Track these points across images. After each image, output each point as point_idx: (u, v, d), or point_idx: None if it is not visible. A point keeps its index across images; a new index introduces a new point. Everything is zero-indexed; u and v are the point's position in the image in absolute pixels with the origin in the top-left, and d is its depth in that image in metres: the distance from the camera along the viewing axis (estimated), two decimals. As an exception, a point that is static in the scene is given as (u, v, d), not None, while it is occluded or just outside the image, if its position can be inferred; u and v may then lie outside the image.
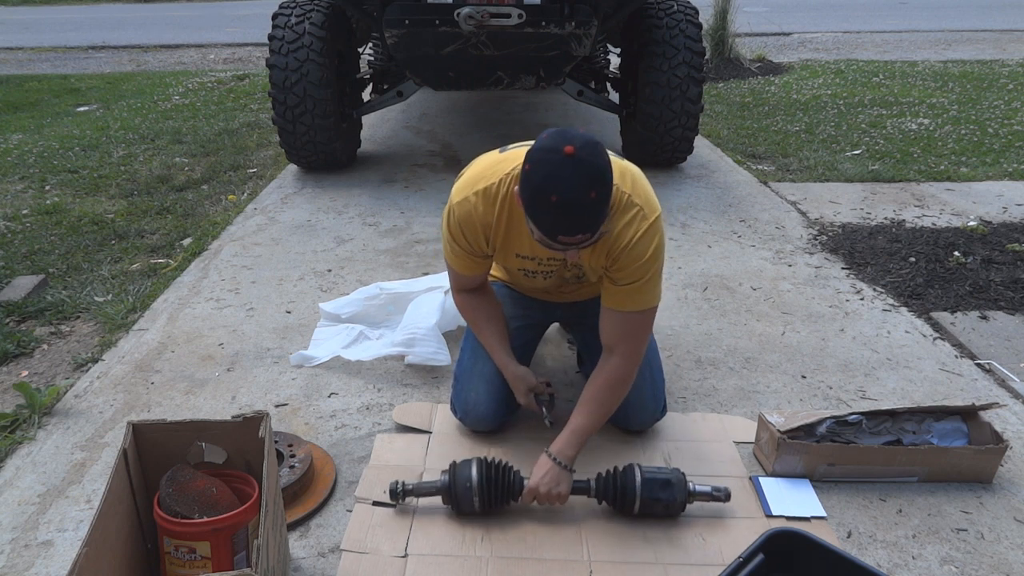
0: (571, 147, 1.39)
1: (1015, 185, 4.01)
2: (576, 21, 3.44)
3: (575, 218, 1.43)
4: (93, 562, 1.15)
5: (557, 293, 1.99)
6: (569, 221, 1.43)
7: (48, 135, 5.29)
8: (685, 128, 3.96)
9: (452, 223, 1.73)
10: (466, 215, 1.70)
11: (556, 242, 1.49)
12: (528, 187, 1.44)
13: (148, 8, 15.00)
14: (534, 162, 1.44)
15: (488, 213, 1.68)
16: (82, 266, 3.10)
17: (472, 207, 1.68)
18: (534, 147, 1.46)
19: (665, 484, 1.64)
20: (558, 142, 1.41)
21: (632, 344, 1.72)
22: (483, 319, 1.90)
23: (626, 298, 1.67)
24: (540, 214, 1.45)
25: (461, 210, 1.70)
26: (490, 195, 1.68)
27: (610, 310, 1.71)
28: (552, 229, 1.46)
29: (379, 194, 3.90)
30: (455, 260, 1.81)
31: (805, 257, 3.12)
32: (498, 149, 1.80)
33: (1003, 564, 1.59)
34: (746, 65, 7.60)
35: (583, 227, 1.44)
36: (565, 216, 1.42)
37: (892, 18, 11.56)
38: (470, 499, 1.63)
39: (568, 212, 1.42)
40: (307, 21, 3.76)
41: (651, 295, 1.69)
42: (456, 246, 1.76)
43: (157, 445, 1.42)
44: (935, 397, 2.16)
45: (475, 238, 1.72)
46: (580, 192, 1.40)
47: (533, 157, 1.44)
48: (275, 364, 2.32)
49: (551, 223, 1.45)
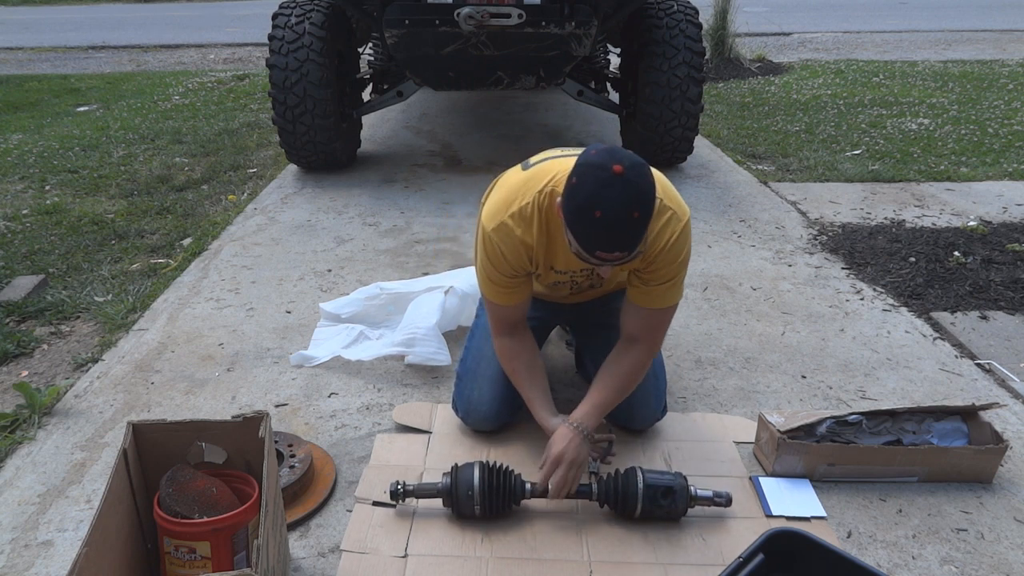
0: (620, 166, 1.41)
1: (1015, 185, 4.01)
2: (576, 21, 3.44)
3: (616, 236, 1.45)
4: (93, 562, 1.15)
5: (568, 297, 2.00)
6: (609, 238, 1.45)
7: (48, 135, 5.29)
8: (685, 128, 3.95)
9: (491, 249, 1.68)
10: (506, 237, 1.66)
11: (593, 257, 1.50)
12: (573, 200, 1.45)
13: (148, 8, 15.00)
14: (581, 176, 1.44)
15: (527, 233, 1.66)
16: (82, 266, 3.11)
17: (510, 230, 1.66)
18: (582, 161, 1.47)
19: (667, 491, 1.64)
20: (607, 159, 1.43)
21: (655, 336, 1.78)
22: (524, 368, 1.82)
23: (656, 297, 1.71)
24: (582, 228, 1.46)
25: (499, 235, 1.66)
26: (526, 216, 1.65)
27: (636, 306, 1.74)
28: (591, 244, 1.47)
29: (379, 194, 3.90)
30: (494, 291, 1.75)
31: (805, 257, 3.12)
32: (520, 165, 1.79)
33: (1003, 564, 1.59)
34: (746, 65, 7.60)
35: (622, 245, 1.46)
36: (606, 233, 1.44)
37: (892, 18, 11.56)
38: (471, 506, 1.63)
39: (610, 229, 1.43)
40: (307, 21, 3.76)
41: (678, 292, 1.74)
42: (496, 272, 1.71)
43: (157, 445, 1.42)
44: (935, 397, 2.16)
45: (518, 259, 1.69)
46: (624, 211, 1.41)
47: (580, 171, 1.45)
48: (275, 364, 2.32)
49: (592, 238, 1.46)
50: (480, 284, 1.81)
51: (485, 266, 1.73)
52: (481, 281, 1.79)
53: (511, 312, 1.80)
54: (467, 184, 4.06)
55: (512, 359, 1.83)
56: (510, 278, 1.72)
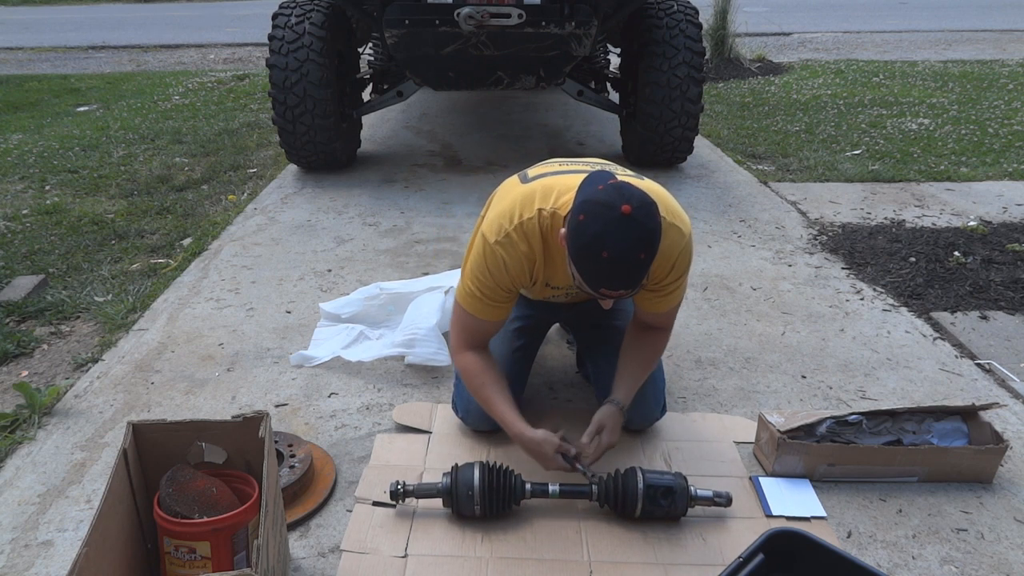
0: (629, 207, 1.41)
1: (1015, 185, 4.01)
2: (576, 21, 3.44)
3: (621, 276, 1.46)
4: (93, 562, 1.15)
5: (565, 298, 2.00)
6: (615, 278, 1.46)
7: (48, 135, 5.29)
8: (685, 128, 3.96)
9: (493, 261, 1.65)
10: (511, 249, 1.64)
11: (596, 293, 1.51)
12: (580, 238, 1.44)
13: (148, 8, 15.01)
14: (589, 215, 1.43)
15: (530, 249, 1.65)
16: (82, 266, 3.11)
17: (514, 243, 1.64)
18: (589, 197, 1.46)
19: (667, 492, 1.64)
20: (616, 198, 1.42)
21: (668, 322, 1.86)
22: (492, 383, 1.77)
23: (663, 301, 1.76)
24: (587, 266, 1.46)
25: (504, 247, 1.64)
26: (528, 230, 1.64)
27: (642, 309, 1.81)
28: (596, 282, 1.48)
29: (379, 194, 3.91)
30: (481, 304, 1.71)
31: (805, 257, 3.12)
32: (518, 177, 1.78)
33: (1003, 564, 1.59)
34: (746, 65, 7.60)
35: (627, 285, 1.48)
36: (612, 273, 1.45)
37: (892, 18, 11.56)
38: (471, 506, 1.64)
39: (615, 269, 1.44)
40: (307, 21, 3.76)
41: (683, 291, 1.79)
42: (494, 284, 1.68)
43: (157, 445, 1.42)
44: (935, 397, 2.16)
45: (520, 272, 1.67)
46: (631, 252, 1.42)
47: (588, 209, 1.44)
48: (275, 364, 2.32)
49: (597, 277, 1.47)
50: (463, 297, 1.74)
51: (482, 278, 1.68)
52: (467, 294, 1.73)
53: (490, 328, 1.78)
54: (467, 184, 4.06)
55: (480, 373, 1.77)
56: (506, 291, 1.70)
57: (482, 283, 1.69)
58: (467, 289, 1.73)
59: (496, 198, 1.79)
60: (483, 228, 1.71)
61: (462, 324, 1.78)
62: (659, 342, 1.85)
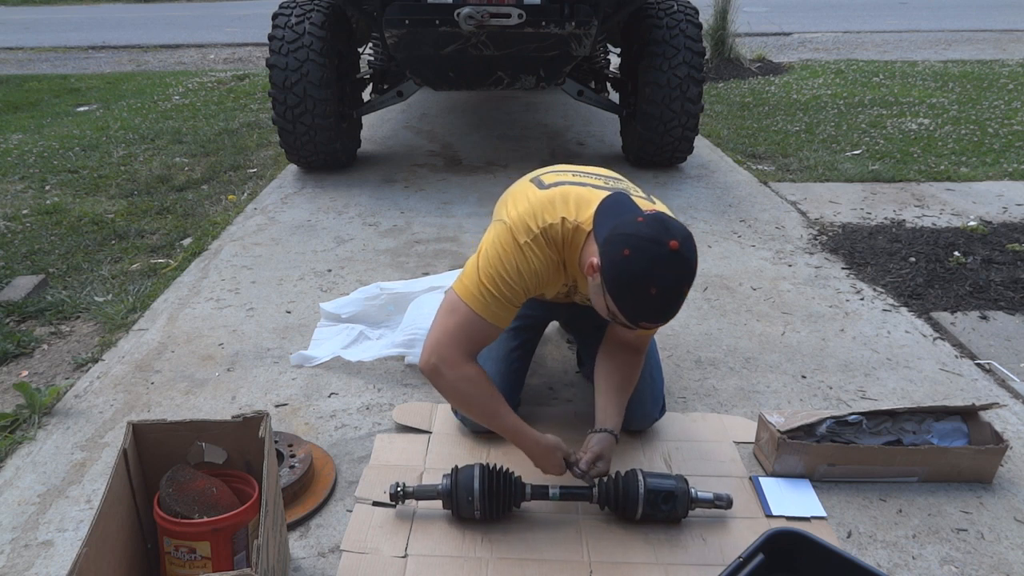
0: (676, 242, 1.40)
1: (1015, 185, 4.01)
2: (576, 21, 3.44)
3: (666, 311, 1.46)
4: (93, 562, 1.15)
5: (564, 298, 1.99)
6: (659, 312, 1.46)
7: (48, 135, 5.29)
8: (685, 128, 3.96)
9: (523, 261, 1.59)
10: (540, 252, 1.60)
11: (635, 325, 1.49)
12: (625, 273, 1.41)
13: (148, 8, 15.00)
14: (636, 250, 1.40)
15: (553, 252, 1.62)
16: (82, 266, 3.10)
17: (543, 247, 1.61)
18: (632, 231, 1.43)
19: (668, 496, 1.64)
20: (663, 234, 1.41)
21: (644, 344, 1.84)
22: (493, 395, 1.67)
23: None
24: (632, 301, 1.44)
25: (532, 249, 1.59)
26: (552, 236, 1.60)
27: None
28: (638, 316, 1.46)
29: (379, 194, 3.90)
30: (497, 307, 1.61)
31: (805, 257, 3.12)
32: (530, 180, 1.75)
33: (1003, 564, 1.59)
34: (746, 65, 7.60)
35: (668, 318, 1.48)
36: (658, 308, 1.44)
37: (892, 18, 11.56)
38: (471, 509, 1.64)
39: (662, 305, 1.44)
40: (307, 21, 3.76)
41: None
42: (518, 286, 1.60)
43: (157, 445, 1.42)
44: (935, 397, 2.16)
45: (545, 275, 1.63)
46: (677, 289, 1.43)
47: (633, 244, 1.41)
48: (275, 364, 2.32)
49: (640, 311, 1.45)
50: (475, 300, 1.61)
51: (507, 278, 1.59)
52: (480, 296, 1.61)
53: (494, 335, 1.68)
54: (467, 184, 4.06)
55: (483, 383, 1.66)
56: (525, 294, 1.64)
57: (506, 283, 1.60)
58: (482, 291, 1.61)
59: (511, 201, 1.72)
60: (513, 228, 1.61)
61: (467, 332, 1.62)
62: (637, 365, 1.82)
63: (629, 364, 1.81)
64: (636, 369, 1.82)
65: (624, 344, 1.82)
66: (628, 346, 1.82)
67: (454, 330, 1.62)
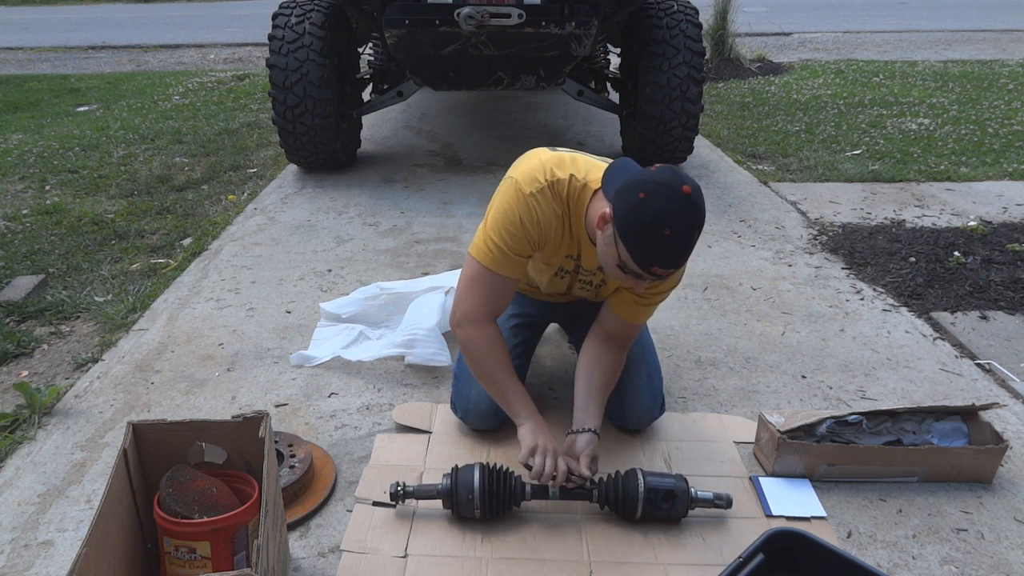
0: (688, 187, 1.46)
1: (1015, 185, 4.01)
2: (576, 21, 3.44)
3: (678, 254, 1.49)
4: (93, 562, 1.15)
5: (561, 298, 1.99)
6: (672, 256, 1.49)
7: (48, 135, 5.29)
8: (685, 128, 3.96)
9: (526, 212, 1.63)
10: (544, 203, 1.64)
11: (646, 272, 1.51)
12: (639, 216, 1.45)
13: (148, 8, 15.00)
14: (651, 193, 1.45)
15: (559, 206, 1.65)
16: (82, 266, 3.10)
17: (548, 199, 1.64)
18: (646, 177, 1.48)
19: (668, 495, 1.64)
20: (675, 179, 1.46)
21: (629, 341, 1.87)
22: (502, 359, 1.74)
23: (644, 311, 1.80)
24: (644, 243, 1.47)
25: (537, 199, 1.63)
26: (559, 190, 1.64)
27: (616, 316, 1.80)
28: (650, 260, 1.48)
29: (379, 194, 3.90)
30: (506, 260, 1.67)
31: (805, 257, 3.12)
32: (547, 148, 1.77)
33: (1003, 564, 1.59)
34: (746, 65, 7.60)
35: (679, 263, 1.52)
36: (670, 250, 1.47)
37: (892, 18, 11.56)
38: (471, 509, 1.64)
39: (674, 247, 1.47)
40: (307, 21, 3.76)
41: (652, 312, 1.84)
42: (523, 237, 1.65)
43: (157, 445, 1.42)
44: (935, 397, 2.16)
45: (548, 228, 1.66)
46: (689, 231, 1.47)
47: (648, 188, 1.45)
48: (275, 364, 2.32)
49: (653, 254, 1.48)
50: (486, 255, 1.68)
51: (512, 229, 1.64)
52: (490, 250, 1.67)
53: (511, 288, 1.73)
54: (467, 184, 4.06)
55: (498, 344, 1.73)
56: (531, 246, 1.68)
57: (511, 234, 1.65)
58: (488, 244, 1.67)
59: (527, 156, 1.74)
60: (519, 180, 1.66)
61: (485, 289, 1.70)
62: (620, 364, 1.85)
63: (611, 363, 1.83)
64: (618, 368, 1.84)
65: (608, 342, 1.83)
66: (612, 344, 1.83)
67: (468, 285, 1.73)
